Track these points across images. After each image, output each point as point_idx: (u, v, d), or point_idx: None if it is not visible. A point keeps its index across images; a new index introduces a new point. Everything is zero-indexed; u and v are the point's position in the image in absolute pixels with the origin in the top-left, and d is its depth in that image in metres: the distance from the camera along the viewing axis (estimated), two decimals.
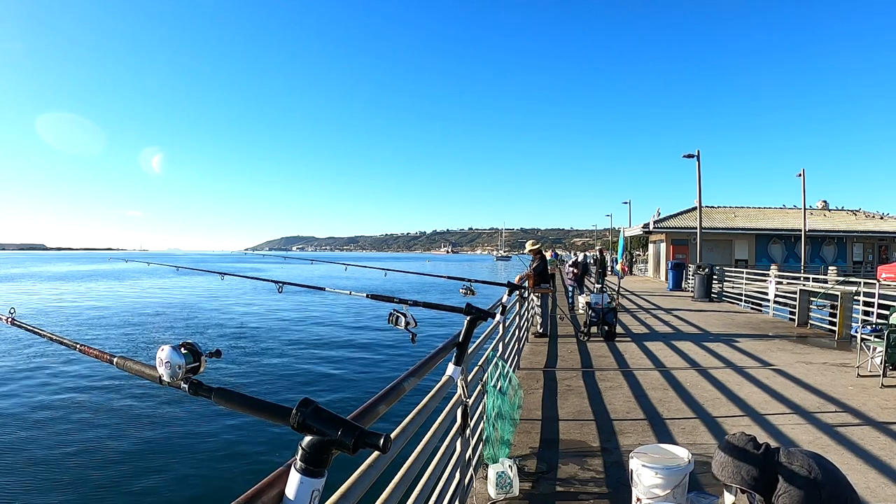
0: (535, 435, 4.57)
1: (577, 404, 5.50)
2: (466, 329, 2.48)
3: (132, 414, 8.58)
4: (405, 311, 2.32)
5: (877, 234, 30.14)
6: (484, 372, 3.51)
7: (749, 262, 28.24)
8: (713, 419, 4.97)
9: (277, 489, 0.93)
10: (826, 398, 5.65)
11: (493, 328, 4.43)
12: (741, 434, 2.34)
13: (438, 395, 2.33)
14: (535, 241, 10.77)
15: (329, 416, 0.89)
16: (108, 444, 7.27)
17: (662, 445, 3.25)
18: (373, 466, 1.46)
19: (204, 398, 0.96)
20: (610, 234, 67.72)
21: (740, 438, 2.31)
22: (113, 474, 6.35)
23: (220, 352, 1.04)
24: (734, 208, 32.69)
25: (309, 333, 17.05)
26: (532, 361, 7.67)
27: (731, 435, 2.37)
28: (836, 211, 33.60)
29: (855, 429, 4.66)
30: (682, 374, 6.78)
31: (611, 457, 4.05)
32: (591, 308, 9.52)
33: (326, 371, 11.86)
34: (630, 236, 33.61)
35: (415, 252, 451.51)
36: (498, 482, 3.31)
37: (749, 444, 2.27)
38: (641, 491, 2.89)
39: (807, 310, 11.64)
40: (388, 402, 1.55)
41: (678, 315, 13.10)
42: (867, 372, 6.70)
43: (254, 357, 13.27)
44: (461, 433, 2.75)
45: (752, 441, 2.28)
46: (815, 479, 2.08)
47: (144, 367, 1.02)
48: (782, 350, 8.56)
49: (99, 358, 1.13)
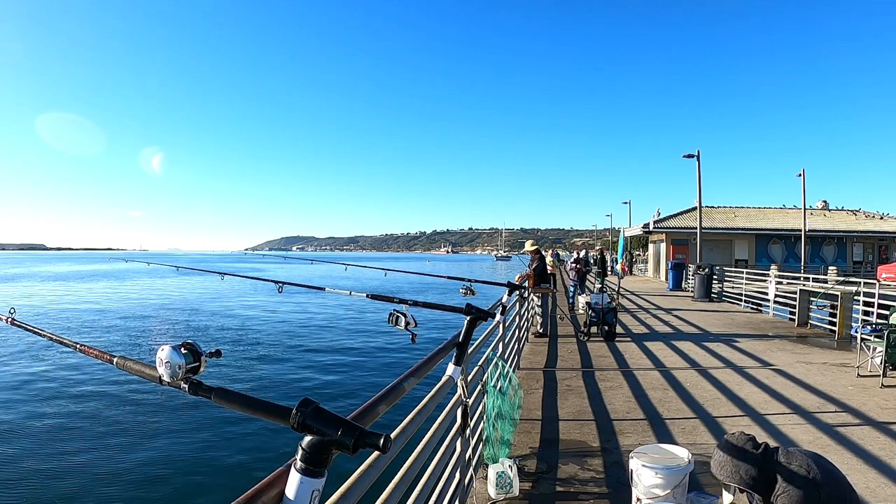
0: (535, 435, 4.57)
1: (577, 404, 5.50)
2: (466, 329, 2.48)
3: (132, 414, 8.58)
4: (405, 311, 2.33)
5: (877, 234, 30.14)
6: (484, 372, 3.51)
7: (749, 262, 28.24)
8: (713, 419, 4.97)
9: (277, 489, 0.93)
10: (826, 398, 5.65)
11: (493, 328, 4.42)
12: (740, 433, 2.35)
13: (438, 395, 2.32)
14: (534, 242, 10.76)
15: (329, 416, 0.89)
16: (107, 445, 7.27)
17: (662, 445, 3.25)
18: (373, 466, 1.46)
19: (204, 398, 0.96)
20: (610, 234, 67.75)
21: (739, 438, 2.31)
22: (113, 474, 6.34)
23: (220, 352, 1.04)
24: (734, 208, 32.69)
25: (309, 333, 17.04)
26: (532, 361, 7.67)
27: (731, 434, 2.37)
28: (836, 211, 33.60)
29: (855, 429, 4.66)
30: (682, 374, 6.78)
31: (611, 457, 4.05)
32: (591, 308, 9.52)
33: (326, 371, 11.86)
34: (630, 236, 33.61)
35: (415, 252, 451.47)
36: (498, 482, 3.31)
37: (748, 443, 2.27)
38: (641, 491, 2.89)
39: (807, 310, 11.64)
40: (388, 402, 1.55)
41: (678, 315, 13.10)
42: (867, 372, 6.71)
43: (254, 357, 13.27)
44: (461, 433, 2.75)
45: (751, 440, 2.28)
46: (813, 479, 2.08)
47: (144, 367, 1.02)
48: (782, 350, 8.56)
49: (99, 358, 1.13)
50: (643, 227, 30.36)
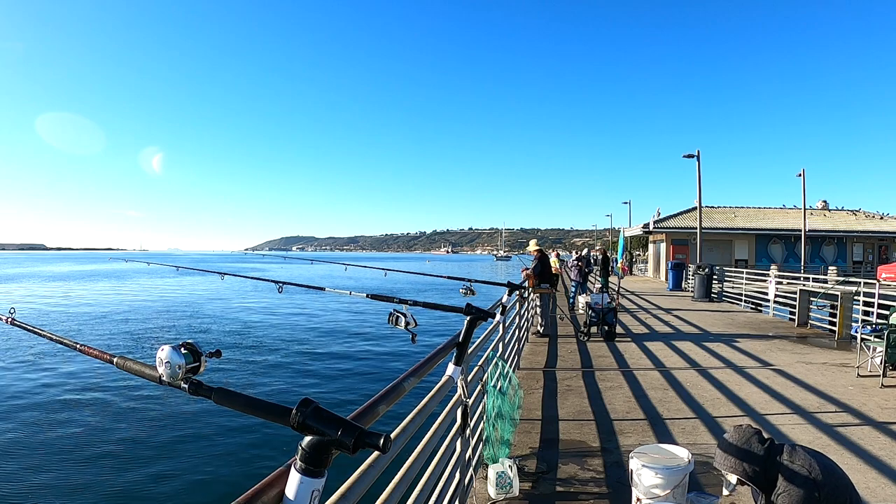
0: (535, 435, 4.57)
1: (577, 404, 5.50)
2: (466, 329, 2.48)
3: (132, 414, 8.58)
4: (405, 311, 2.32)
5: (877, 234, 30.14)
6: (484, 372, 3.51)
7: (749, 262, 28.25)
8: (713, 419, 4.97)
9: (277, 489, 0.93)
10: (826, 398, 5.65)
11: (493, 328, 4.42)
12: (747, 426, 2.34)
13: (438, 395, 2.32)
14: (537, 242, 10.73)
15: (329, 416, 0.88)
16: (107, 445, 7.27)
17: (662, 445, 3.25)
18: (373, 466, 1.46)
19: (204, 398, 0.96)
20: (610, 234, 67.71)
21: (746, 430, 2.31)
22: (113, 474, 6.35)
23: (220, 352, 1.04)
24: (734, 208, 32.68)
25: (309, 333, 17.04)
26: (532, 361, 7.67)
27: (738, 426, 2.36)
28: (836, 211, 33.59)
29: (855, 429, 4.66)
30: (682, 374, 6.78)
31: (611, 457, 4.05)
32: (591, 308, 9.52)
33: (326, 371, 11.86)
34: (630, 236, 33.61)
35: (415, 252, 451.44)
36: (498, 482, 3.31)
37: (754, 436, 2.27)
38: (641, 491, 2.89)
39: (807, 310, 11.64)
40: (388, 402, 1.55)
41: (678, 315, 13.10)
42: (867, 372, 6.71)
43: (254, 357, 13.27)
44: (461, 433, 2.75)
45: (757, 434, 2.28)
46: (814, 480, 2.08)
47: (144, 367, 1.02)
48: (782, 350, 8.56)
49: (99, 358, 1.13)
50: (643, 228, 30.36)
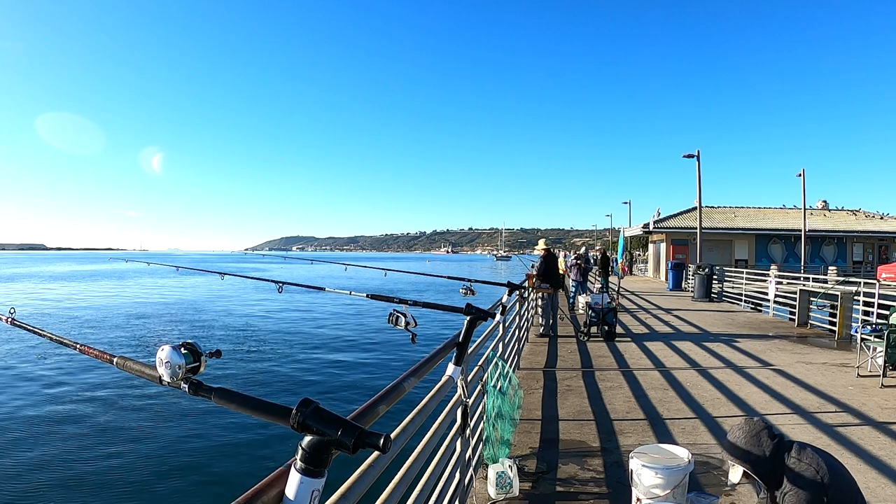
0: (535, 435, 4.57)
1: (577, 404, 5.50)
2: (466, 329, 2.48)
3: (132, 414, 8.58)
4: (405, 311, 2.32)
5: (877, 234, 30.14)
6: (484, 372, 3.51)
7: (749, 262, 28.24)
8: (713, 419, 4.97)
9: (277, 489, 0.93)
10: (826, 398, 5.65)
11: (493, 328, 4.42)
12: (758, 420, 2.31)
13: (438, 395, 2.32)
14: (546, 241, 10.63)
15: (329, 416, 0.88)
16: (107, 445, 7.27)
17: (662, 445, 3.25)
18: (373, 466, 1.46)
19: (204, 398, 0.96)
20: (610, 234, 67.69)
21: (756, 424, 2.28)
22: (113, 474, 6.35)
23: (220, 352, 1.04)
24: (734, 208, 32.68)
25: (309, 333, 17.05)
26: (532, 361, 7.67)
27: (748, 418, 2.34)
28: (836, 211, 33.59)
29: (855, 429, 4.66)
30: (682, 374, 6.78)
31: (611, 457, 4.05)
32: (591, 308, 9.52)
33: (326, 371, 11.86)
34: (630, 236, 33.61)
35: (415, 252, 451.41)
36: (498, 482, 3.31)
37: (764, 431, 2.24)
38: (641, 491, 2.89)
39: (807, 310, 11.64)
40: (388, 402, 1.55)
41: (678, 315, 13.10)
42: (867, 372, 6.71)
43: (254, 357, 13.27)
44: (461, 433, 2.75)
45: (767, 430, 2.25)
46: (821, 481, 2.07)
47: (144, 367, 1.02)
48: (782, 350, 8.56)
49: (99, 358, 1.13)
50: (643, 228, 30.36)
